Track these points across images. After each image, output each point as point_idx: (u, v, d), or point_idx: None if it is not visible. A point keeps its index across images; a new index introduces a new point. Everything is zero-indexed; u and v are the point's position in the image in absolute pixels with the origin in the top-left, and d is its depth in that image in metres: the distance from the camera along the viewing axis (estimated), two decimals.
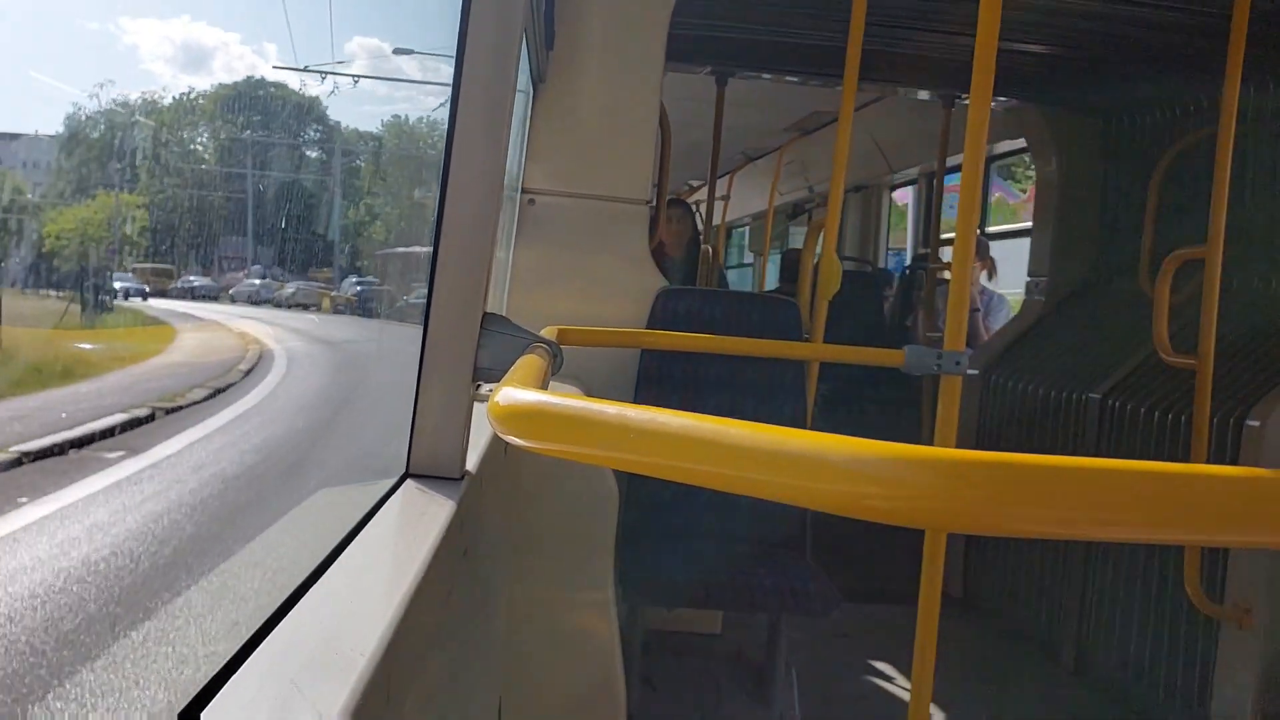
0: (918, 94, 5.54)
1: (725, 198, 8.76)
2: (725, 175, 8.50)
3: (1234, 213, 3.35)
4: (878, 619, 4.52)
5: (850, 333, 3.75)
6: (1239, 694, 3.33)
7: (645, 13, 3.43)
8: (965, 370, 2.43)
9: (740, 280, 12.00)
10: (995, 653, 4.47)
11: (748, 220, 11.37)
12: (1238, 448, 3.36)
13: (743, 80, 5.24)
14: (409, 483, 1.60)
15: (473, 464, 1.73)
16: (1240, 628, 3.29)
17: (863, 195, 8.19)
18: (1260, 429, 3.30)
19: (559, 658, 2.76)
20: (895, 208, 8.68)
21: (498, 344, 1.66)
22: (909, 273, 7.08)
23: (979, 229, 6.00)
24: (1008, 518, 0.61)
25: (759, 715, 3.40)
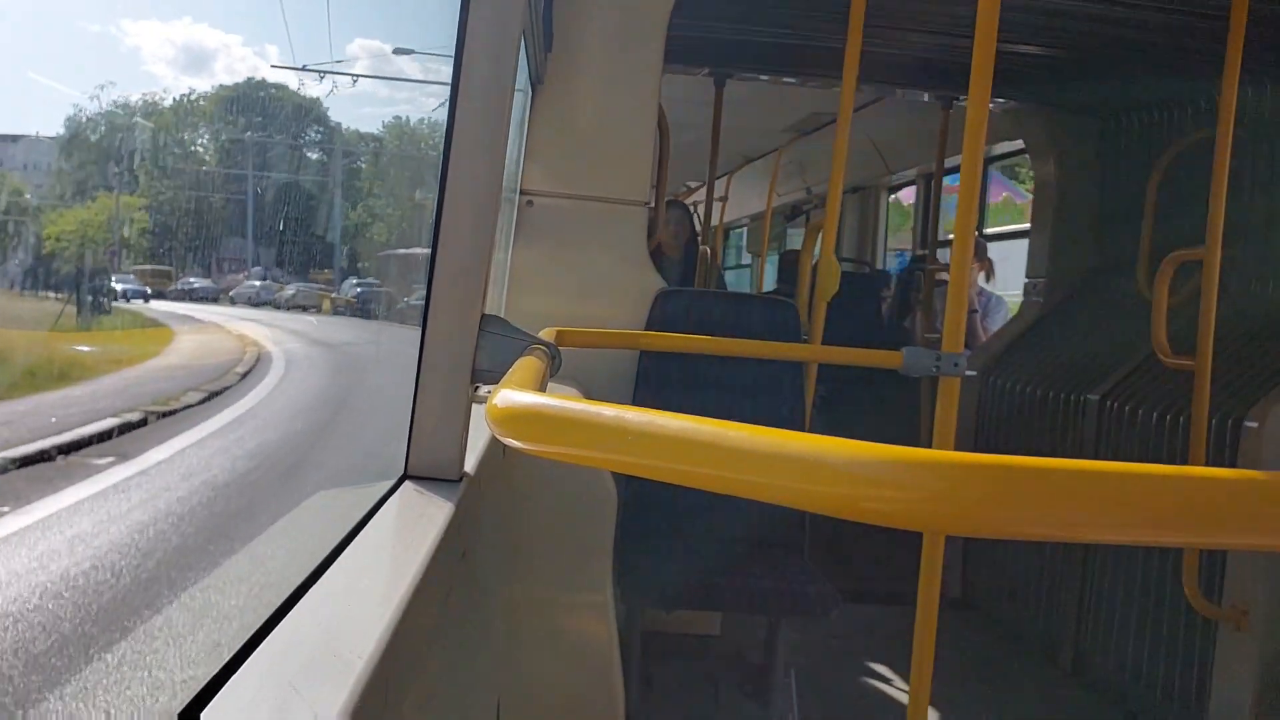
0: (916, 95, 5.54)
1: (723, 199, 8.76)
2: (723, 176, 8.50)
3: (1232, 214, 3.36)
4: (876, 620, 4.52)
5: (848, 334, 3.75)
6: (1237, 695, 3.33)
7: (644, 14, 3.43)
8: (964, 372, 2.43)
9: (738, 281, 12.00)
10: (994, 654, 4.47)
11: (745, 221, 11.37)
12: (1236, 448, 3.36)
13: (741, 81, 5.24)
14: (407, 484, 1.60)
15: (471, 466, 1.73)
16: (1238, 629, 3.29)
17: (860, 196, 8.20)
18: (1259, 430, 3.30)
19: (557, 659, 2.76)
20: (900, 208, 8.68)
21: (496, 345, 1.66)
22: (908, 274, 7.08)
23: (976, 230, 5.99)
24: (1005, 520, 0.62)
25: (757, 716, 3.39)
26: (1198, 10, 3.46)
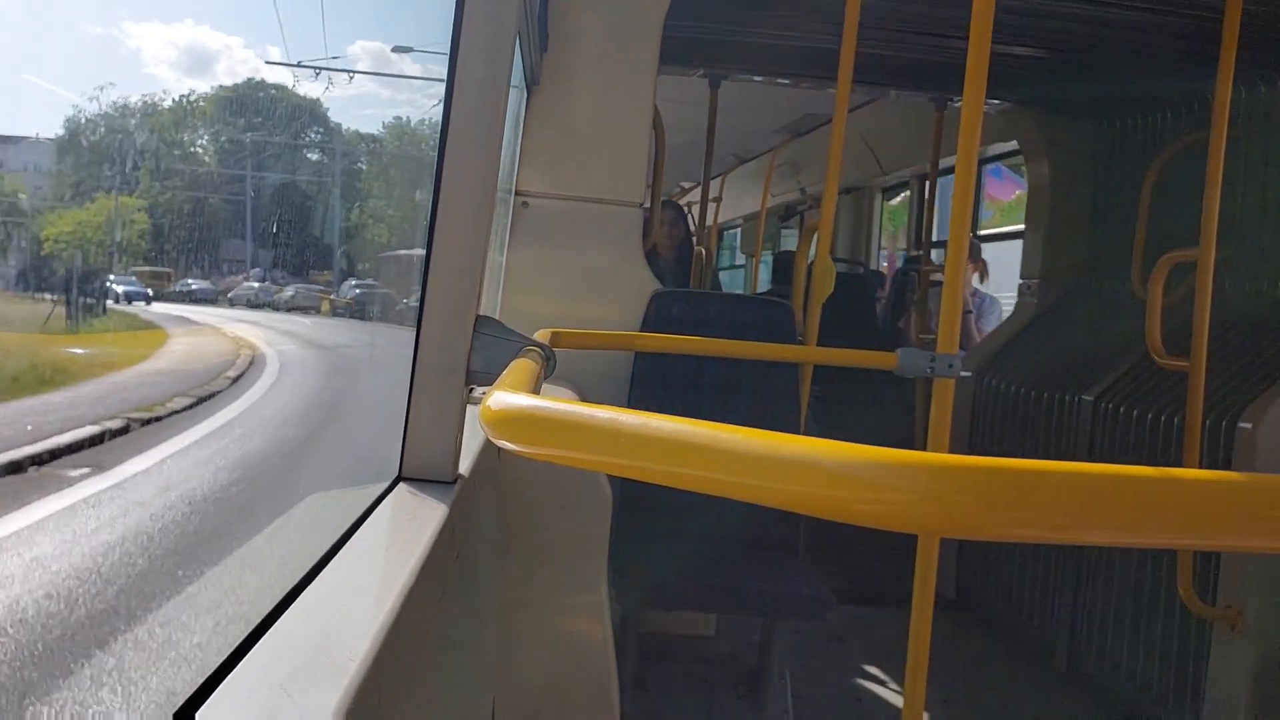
0: (910, 96, 5.55)
1: (717, 199, 8.76)
2: (717, 177, 8.50)
3: (1226, 215, 3.36)
4: (871, 621, 4.52)
5: (843, 335, 3.75)
6: (1231, 696, 3.34)
7: (639, 15, 3.43)
8: (958, 373, 2.43)
9: (731, 282, 12.01)
10: (988, 655, 4.48)
11: (739, 222, 11.37)
12: (1230, 450, 3.37)
13: (735, 82, 5.24)
14: (401, 486, 1.60)
15: (465, 467, 1.73)
16: (1232, 630, 3.30)
17: (854, 197, 8.20)
18: (1252, 431, 3.30)
19: (552, 661, 2.76)
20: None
21: (491, 347, 1.66)
22: (903, 274, 7.09)
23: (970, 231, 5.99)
24: (998, 522, 0.62)
25: (752, 718, 3.39)
26: (1191, 11, 3.46)
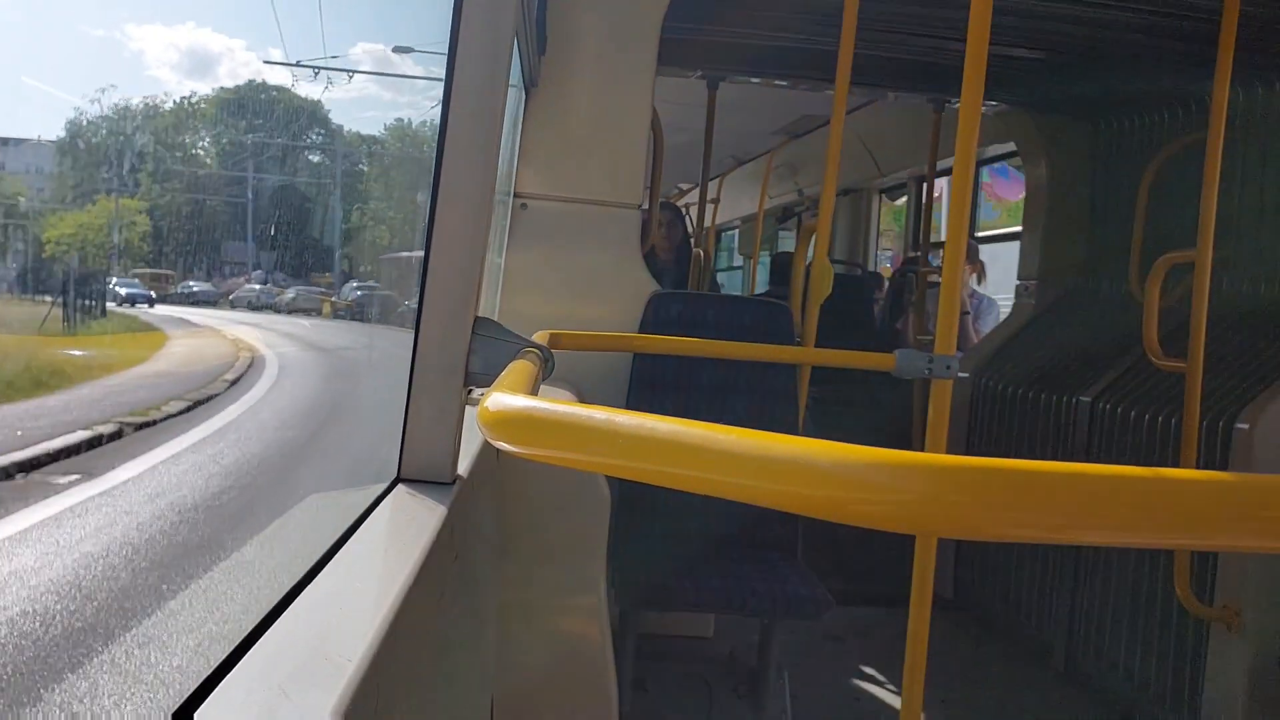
0: (908, 98, 5.55)
1: (715, 201, 8.76)
2: (715, 178, 8.50)
3: (1224, 216, 3.36)
4: (869, 622, 4.52)
5: (841, 336, 3.75)
6: (1228, 695, 3.34)
7: (637, 17, 3.44)
8: (956, 374, 2.44)
9: (728, 283, 12.03)
10: (986, 655, 4.48)
11: (737, 223, 11.38)
12: (1227, 451, 3.37)
13: (733, 84, 5.24)
14: (400, 487, 1.60)
15: (464, 468, 1.73)
16: (1229, 630, 3.30)
17: (852, 199, 8.20)
18: (1249, 432, 3.31)
19: (551, 662, 2.76)
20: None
21: (489, 349, 1.66)
22: (900, 275, 7.09)
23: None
24: (994, 522, 0.62)
25: (751, 718, 3.39)
26: (1189, 13, 3.47)
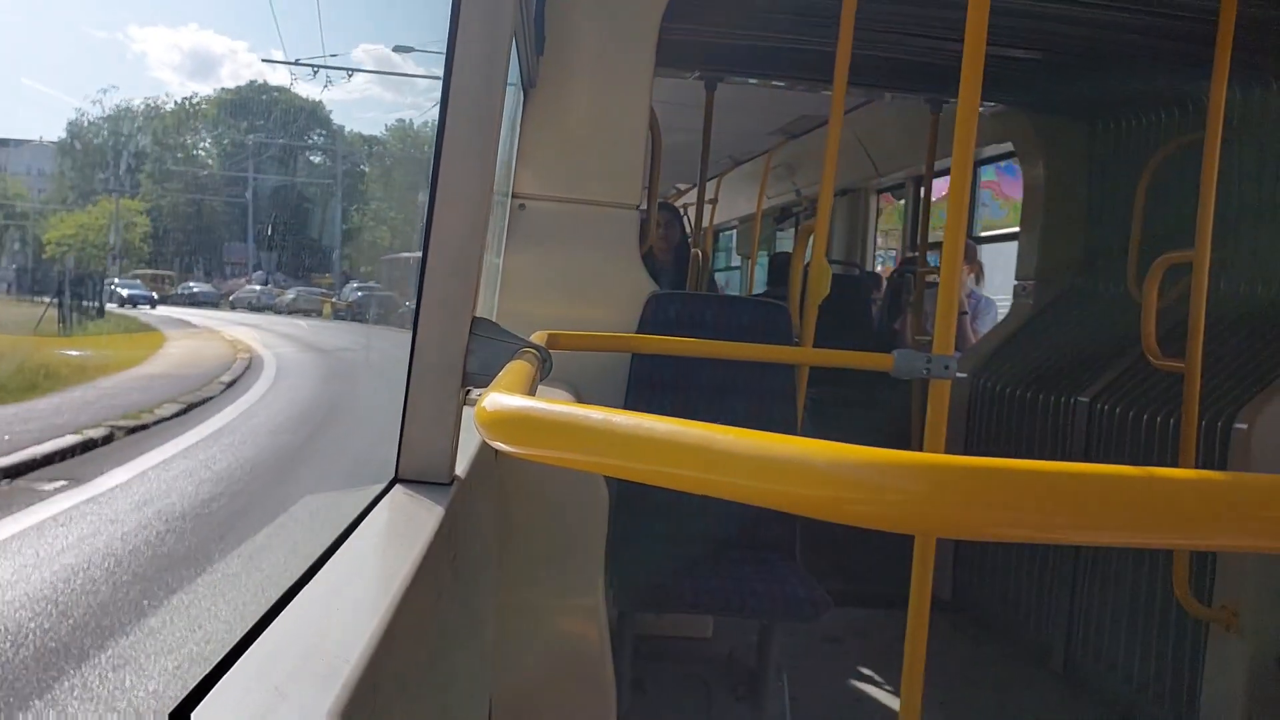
0: (905, 98, 5.56)
1: (713, 201, 8.77)
2: (713, 179, 8.50)
3: (1222, 216, 3.37)
4: (868, 623, 4.52)
5: (839, 336, 3.75)
6: (1227, 696, 3.34)
7: (635, 18, 3.44)
8: (954, 374, 2.43)
9: (730, 282, 12.05)
10: (985, 656, 4.48)
11: (734, 223, 11.39)
12: (1226, 451, 3.37)
13: (731, 84, 5.24)
14: (397, 488, 1.60)
15: (462, 469, 1.73)
16: (1228, 630, 3.30)
17: (849, 199, 8.21)
18: (1248, 432, 3.31)
19: (549, 663, 2.76)
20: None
21: (487, 349, 1.66)
22: (898, 276, 7.09)
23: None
24: (991, 522, 0.62)
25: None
26: (1186, 13, 3.47)
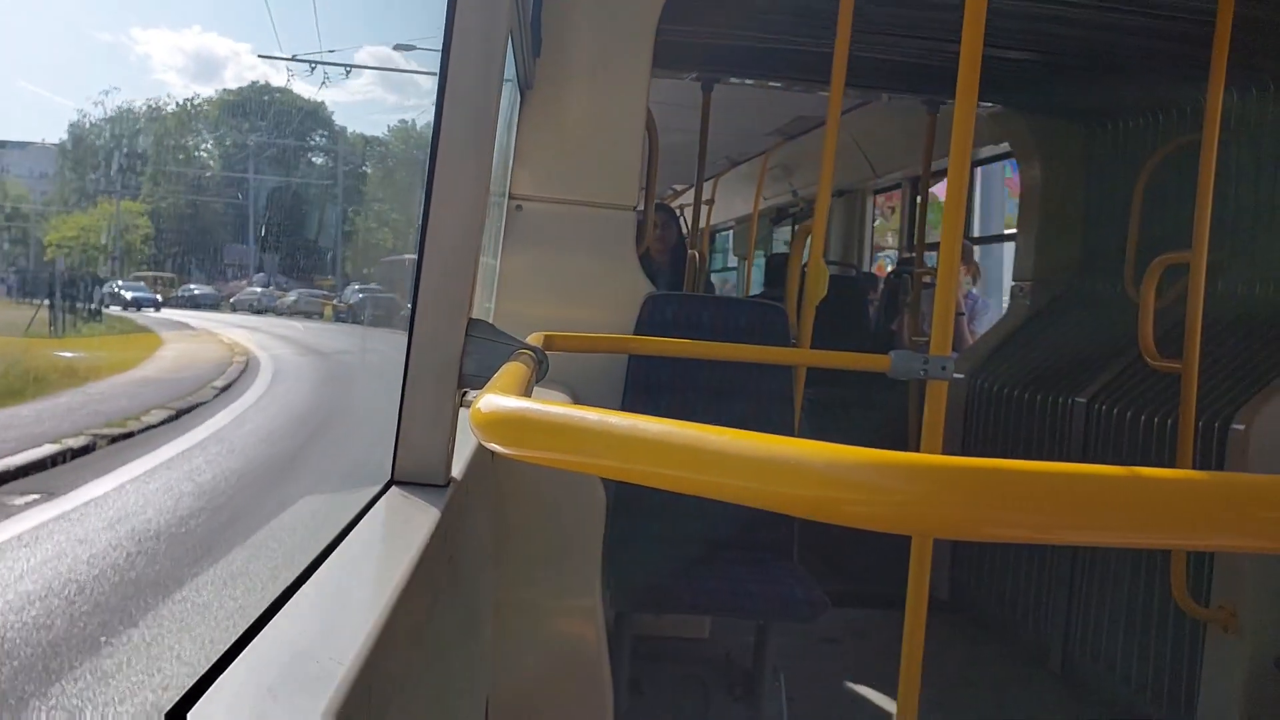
0: (902, 99, 5.56)
1: (710, 202, 8.77)
2: (709, 179, 8.50)
3: (1219, 217, 3.37)
4: (865, 624, 4.52)
5: (837, 337, 3.75)
6: (1225, 697, 3.34)
7: (632, 19, 3.44)
8: (951, 375, 2.43)
9: (722, 284, 12.07)
10: (983, 656, 4.48)
11: (731, 224, 11.39)
12: (1223, 451, 3.37)
13: (728, 85, 5.24)
14: (393, 490, 1.60)
15: (458, 471, 1.72)
16: (1226, 631, 3.30)
17: (846, 200, 8.21)
18: (1245, 433, 3.31)
19: (546, 664, 2.76)
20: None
21: (483, 350, 1.66)
22: (895, 276, 7.09)
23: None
24: (988, 523, 0.61)
25: None
26: (1183, 15, 3.47)
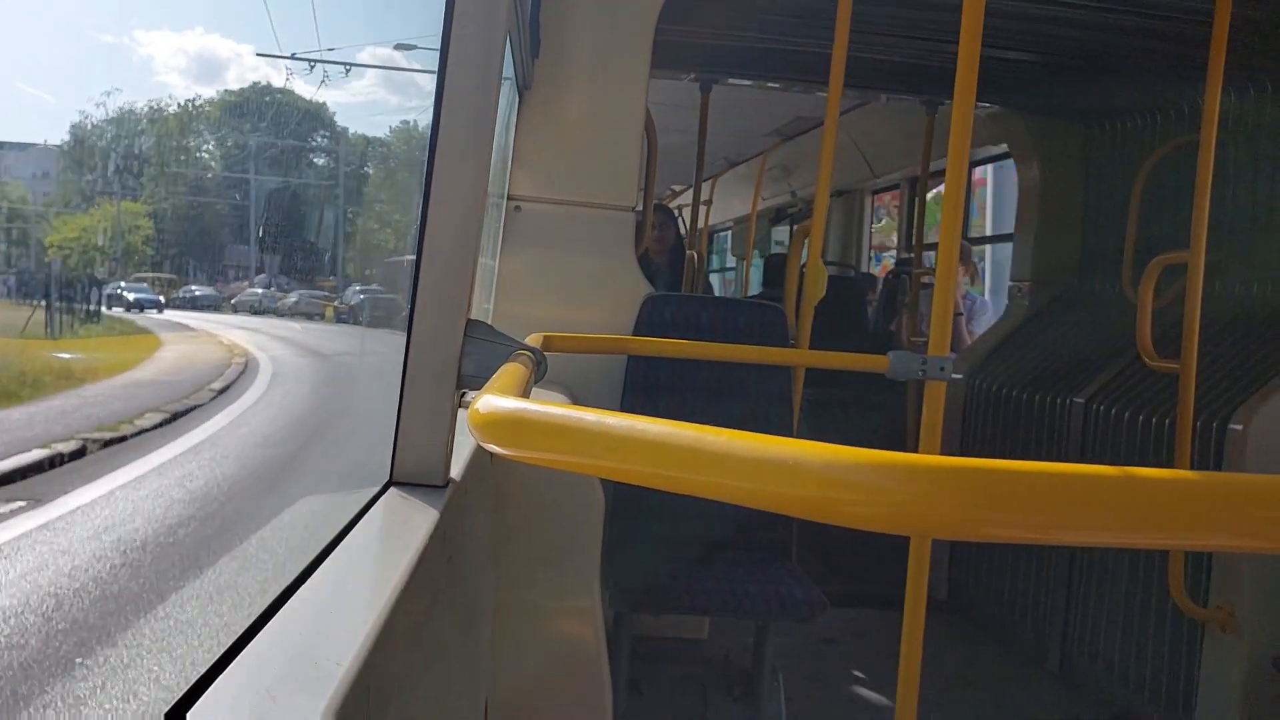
0: (900, 100, 5.56)
1: (708, 202, 8.77)
2: (708, 180, 8.51)
3: (1216, 218, 3.37)
4: (863, 624, 4.52)
5: (835, 338, 3.75)
6: (1223, 697, 3.34)
7: (631, 20, 3.44)
8: (949, 376, 2.43)
9: (721, 284, 12.08)
10: (981, 657, 4.48)
11: (729, 225, 11.40)
12: (1221, 452, 3.38)
13: (726, 86, 5.25)
14: (392, 490, 1.60)
15: (457, 471, 1.72)
16: (1224, 631, 3.30)
17: (844, 200, 8.21)
18: (1243, 433, 3.31)
19: (546, 664, 2.76)
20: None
21: (482, 351, 1.66)
22: (893, 277, 7.10)
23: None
24: (987, 523, 0.61)
25: None
26: (1181, 16, 3.48)
